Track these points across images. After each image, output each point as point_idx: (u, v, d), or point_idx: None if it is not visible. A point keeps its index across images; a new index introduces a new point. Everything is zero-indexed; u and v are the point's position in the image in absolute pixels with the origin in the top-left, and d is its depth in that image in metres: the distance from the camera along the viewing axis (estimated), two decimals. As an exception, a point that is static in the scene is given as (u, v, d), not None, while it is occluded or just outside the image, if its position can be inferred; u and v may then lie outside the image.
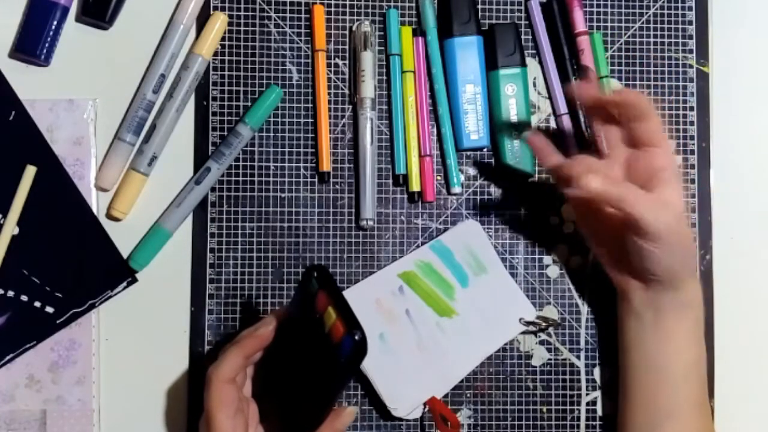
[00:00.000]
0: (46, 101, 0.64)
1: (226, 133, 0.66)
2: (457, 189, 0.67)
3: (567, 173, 0.58)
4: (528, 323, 0.66)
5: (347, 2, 0.68)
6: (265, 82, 0.67)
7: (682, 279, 0.60)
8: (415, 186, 0.66)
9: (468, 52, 0.67)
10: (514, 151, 0.67)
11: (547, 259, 0.67)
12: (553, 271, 0.67)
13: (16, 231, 0.63)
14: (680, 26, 0.70)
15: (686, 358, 0.61)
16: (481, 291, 0.65)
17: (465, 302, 0.65)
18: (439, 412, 0.63)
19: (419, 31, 0.67)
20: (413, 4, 0.68)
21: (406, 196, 0.67)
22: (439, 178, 0.67)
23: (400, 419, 0.65)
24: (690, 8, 0.70)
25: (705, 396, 0.62)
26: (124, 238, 0.65)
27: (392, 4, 0.68)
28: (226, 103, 0.66)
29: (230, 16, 0.66)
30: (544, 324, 0.66)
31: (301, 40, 0.67)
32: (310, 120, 0.67)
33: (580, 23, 0.68)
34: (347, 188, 0.67)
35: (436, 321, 0.65)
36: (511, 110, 0.67)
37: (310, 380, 0.54)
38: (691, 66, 0.70)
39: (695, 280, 0.62)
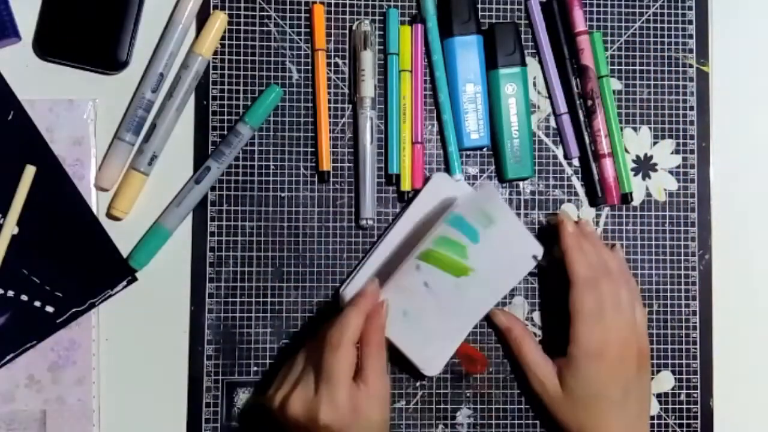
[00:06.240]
0: (46, 101, 0.64)
1: (226, 132, 0.66)
2: (458, 176, 0.67)
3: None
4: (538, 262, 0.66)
5: (347, 2, 0.67)
6: (265, 81, 0.67)
7: None
8: (407, 185, 0.66)
9: (468, 51, 0.66)
10: (514, 151, 0.67)
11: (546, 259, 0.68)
12: (553, 269, 0.67)
13: (16, 231, 0.63)
14: (680, 26, 0.70)
15: None
16: (492, 242, 0.63)
17: (478, 257, 0.63)
18: (464, 353, 0.66)
19: (419, 18, 0.67)
20: (413, 4, 0.68)
21: (396, 195, 0.67)
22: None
23: (405, 405, 0.65)
24: (690, 8, 0.70)
25: None
26: (124, 237, 0.65)
27: (392, 3, 0.68)
28: (226, 102, 0.66)
29: (230, 15, 0.66)
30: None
31: (301, 40, 0.67)
32: (310, 119, 0.67)
33: (580, 23, 0.67)
34: (347, 188, 0.67)
35: (455, 283, 0.63)
36: (511, 110, 0.67)
37: None
38: (691, 66, 0.70)
39: None
